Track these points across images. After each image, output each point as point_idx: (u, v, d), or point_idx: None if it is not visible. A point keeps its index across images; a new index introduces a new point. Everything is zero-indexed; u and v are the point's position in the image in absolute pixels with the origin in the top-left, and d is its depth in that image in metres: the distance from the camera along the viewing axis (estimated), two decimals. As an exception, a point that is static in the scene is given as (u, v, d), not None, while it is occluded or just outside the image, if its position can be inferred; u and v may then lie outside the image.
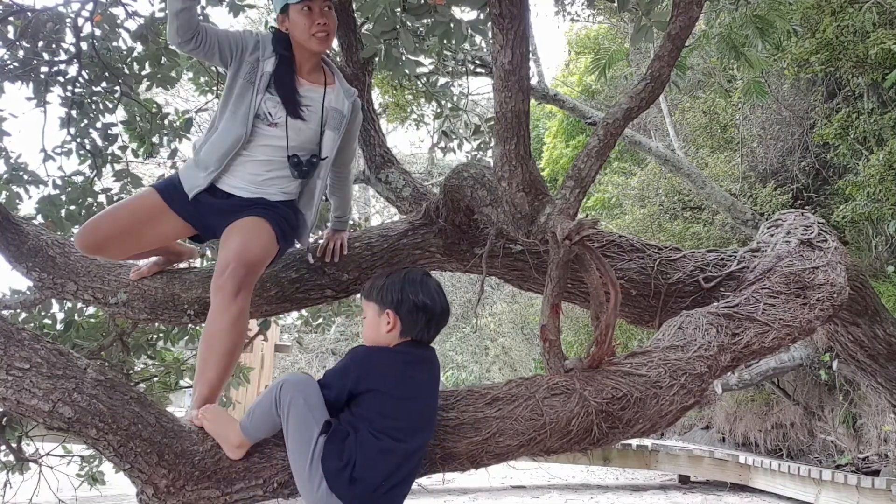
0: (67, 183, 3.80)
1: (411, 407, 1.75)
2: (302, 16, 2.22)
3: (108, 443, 1.64)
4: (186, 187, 2.29)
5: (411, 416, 1.74)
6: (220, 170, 2.27)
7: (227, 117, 2.27)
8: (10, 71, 3.65)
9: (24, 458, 3.56)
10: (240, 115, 2.26)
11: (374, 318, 1.87)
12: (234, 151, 2.26)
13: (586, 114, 8.17)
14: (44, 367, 1.62)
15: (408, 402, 1.75)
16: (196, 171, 2.30)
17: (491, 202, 2.23)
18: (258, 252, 2.12)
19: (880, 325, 2.86)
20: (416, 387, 1.79)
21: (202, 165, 2.29)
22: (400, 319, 1.83)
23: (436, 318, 1.88)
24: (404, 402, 1.74)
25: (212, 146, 2.28)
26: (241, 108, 2.26)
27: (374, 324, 1.87)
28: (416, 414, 1.75)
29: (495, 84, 2.03)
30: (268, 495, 1.76)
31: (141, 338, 3.81)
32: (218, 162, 2.27)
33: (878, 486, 6.45)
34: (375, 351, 1.83)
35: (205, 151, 2.28)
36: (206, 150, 2.28)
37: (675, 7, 2.03)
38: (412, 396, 1.76)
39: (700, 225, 8.98)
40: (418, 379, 1.80)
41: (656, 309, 2.58)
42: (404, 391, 1.75)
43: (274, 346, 12.32)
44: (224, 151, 2.26)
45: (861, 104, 7.45)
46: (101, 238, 2.21)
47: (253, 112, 2.26)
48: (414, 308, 1.84)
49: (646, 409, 1.94)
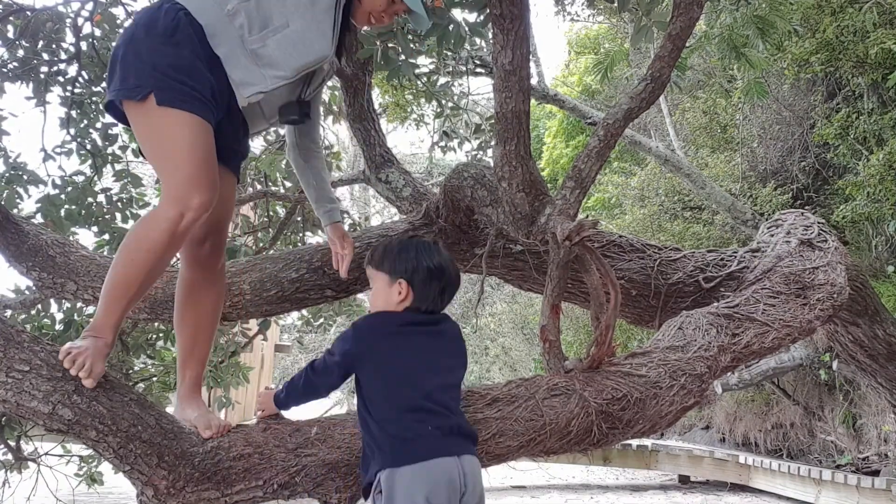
0: (67, 183, 3.80)
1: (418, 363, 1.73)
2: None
3: (108, 444, 1.63)
4: (239, 84, 1.80)
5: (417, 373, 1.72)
6: (291, 80, 1.86)
7: (304, 21, 1.84)
8: (10, 70, 3.65)
9: (23, 457, 3.56)
10: (324, 28, 1.86)
11: (385, 289, 1.80)
12: (310, 69, 1.90)
13: (586, 114, 8.17)
14: (44, 368, 1.62)
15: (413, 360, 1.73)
16: (251, 66, 1.80)
17: (491, 202, 2.23)
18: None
19: (880, 325, 2.86)
20: (422, 343, 1.77)
21: (266, 61, 1.81)
22: (413, 289, 1.78)
23: (450, 285, 1.83)
24: (408, 360, 1.73)
25: (286, 46, 1.82)
26: (326, 21, 1.87)
27: (384, 294, 1.80)
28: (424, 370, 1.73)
29: (495, 84, 2.03)
30: (268, 496, 1.76)
31: (141, 338, 3.81)
32: (294, 70, 1.84)
33: (878, 486, 6.45)
34: (378, 315, 1.82)
35: (275, 46, 1.81)
36: (276, 45, 1.81)
37: (676, 7, 2.03)
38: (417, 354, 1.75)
39: (700, 225, 8.97)
40: (433, 345, 1.78)
41: (656, 309, 2.58)
42: (407, 349, 1.74)
43: (274, 346, 12.34)
44: (305, 62, 1.84)
45: (861, 104, 7.45)
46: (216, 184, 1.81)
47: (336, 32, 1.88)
48: (428, 275, 1.78)
49: (646, 410, 1.94)
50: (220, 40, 1.77)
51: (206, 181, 1.72)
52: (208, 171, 1.74)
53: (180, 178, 1.70)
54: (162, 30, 1.73)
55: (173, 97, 1.70)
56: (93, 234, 3.83)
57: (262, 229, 4.53)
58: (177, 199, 1.69)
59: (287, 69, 1.82)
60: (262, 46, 1.80)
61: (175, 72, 1.71)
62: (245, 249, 4.07)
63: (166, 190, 1.73)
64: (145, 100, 1.71)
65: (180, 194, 1.69)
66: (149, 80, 1.70)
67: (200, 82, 1.74)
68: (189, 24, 1.75)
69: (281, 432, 1.80)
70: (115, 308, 1.74)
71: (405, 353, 1.74)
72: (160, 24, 1.73)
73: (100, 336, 1.70)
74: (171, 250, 1.75)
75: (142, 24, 1.76)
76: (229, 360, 4.27)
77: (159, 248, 1.71)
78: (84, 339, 1.68)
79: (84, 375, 1.61)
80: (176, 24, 1.74)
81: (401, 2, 1.96)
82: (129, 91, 1.72)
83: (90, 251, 2.63)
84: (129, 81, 1.72)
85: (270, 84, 1.81)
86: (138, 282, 1.73)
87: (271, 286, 2.45)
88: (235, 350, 4.30)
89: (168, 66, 1.71)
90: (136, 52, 1.73)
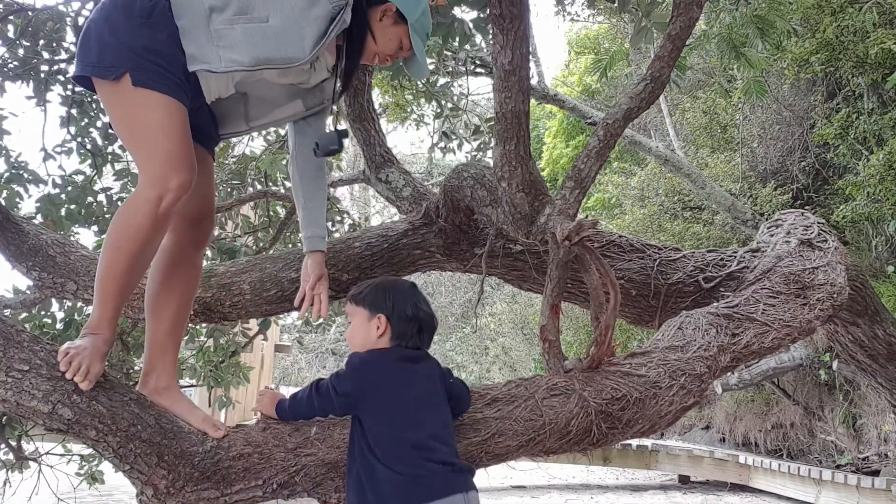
0: (68, 182, 3.79)
1: (418, 400, 1.74)
2: (397, 38, 1.98)
3: (108, 444, 1.63)
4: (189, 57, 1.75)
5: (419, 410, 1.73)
6: (247, 70, 1.80)
7: (288, 21, 1.80)
8: (11, 70, 3.65)
9: (24, 456, 3.56)
10: (307, 34, 1.82)
11: (364, 324, 1.83)
12: (276, 69, 1.85)
13: (586, 114, 8.17)
14: (43, 368, 1.62)
15: (413, 397, 1.74)
16: (207, 44, 1.76)
17: (491, 202, 2.23)
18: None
19: (880, 325, 2.86)
20: (418, 381, 1.77)
21: (226, 42, 1.76)
22: (391, 324, 1.81)
23: (427, 327, 1.86)
24: (409, 398, 1.73)
25: (255, 35, 1.77)
26: (312, 28, 1.83)
27: (364, 329, 1.83)
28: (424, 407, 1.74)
29: (495, 84, 2.03)
30: (267, 496, 1.76)
31: (141, 337, 3.81)
32: (254, 60, 1.78)
33: (878, 486, 6.45)
34: (372, 353, 1.82)
35: (242, 32, 1.76)
36: (243, 32, 1.76)
37: (676, 8, 2.03)
38: (416, 391, 1.75)
39: (700, 225, 8.98)
40: (427, 382, 1.78)
41: (656, 309, 2.58)
42: (406, 386, 1.74)
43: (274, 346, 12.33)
44: (269, 56, 1.79)
45: (861, 104, 7.45)
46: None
47: (322, 46, 1.84)
48: (406, 312, 1.82)
49: (645, 410, 1.94)
50: (181, 11, 1.75)
51: (184, 162, 1.71)
52: (185, 152, 1.73)
53: (157, 160, 1.69)
54: (139, 11, 1.72)
55: (148, 78, 1.69)
56: (93, 234, 3.83)
57: (262, 229, 4.53)
58: (155, 181, 1.68)
59: (246, 56, 1.78)
60: (227, 28, 1.77)
61: (150, 53, 1.70)
62: (245, 249, 4.07)
63: (144, 172, 1.72)
64: (119, 80, 1.69)
65: (158, 176, 1.68)
66: (125, 60, 1.69)
67: (174, 65, 1.74)
68: (167, 7, 1.75)
69: (280, 432, 1.80)
70: (108, 301, 1.73)
71: (405, 389, 1.73)
72: (137, 4, 1.73)
73: (97, 333, 1.70)
74: (155, 233, 1.73)
75: (120, 4, 1.75)
76: (229, 360, 4.27)
77: (142, 232, 1.69)
78: (82, 338, 1.68)
79: (80, 379, 1.61)
80: (153, 5, 1.73)
81: (408, 49, 1.99)
82: (104, 70, 1.71)
83: (90, 251, 2.63)
84: (105, 60, 1.71)
85: (224, 66, 1.77)
86: (127, 270, 1.72)
87: (271, 286, 2.45)
88: (236, 350, 4.30)
89: (143, 47, 1.70)
90: (112, 30, 1.72)
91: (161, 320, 1.96)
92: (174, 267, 1.97)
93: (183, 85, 1.75)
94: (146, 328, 2.00)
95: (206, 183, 2.01)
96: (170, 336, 1.96)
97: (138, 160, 1.75)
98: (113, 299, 1.73)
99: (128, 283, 1.75)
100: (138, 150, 1.75)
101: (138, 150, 1.75)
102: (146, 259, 1.80)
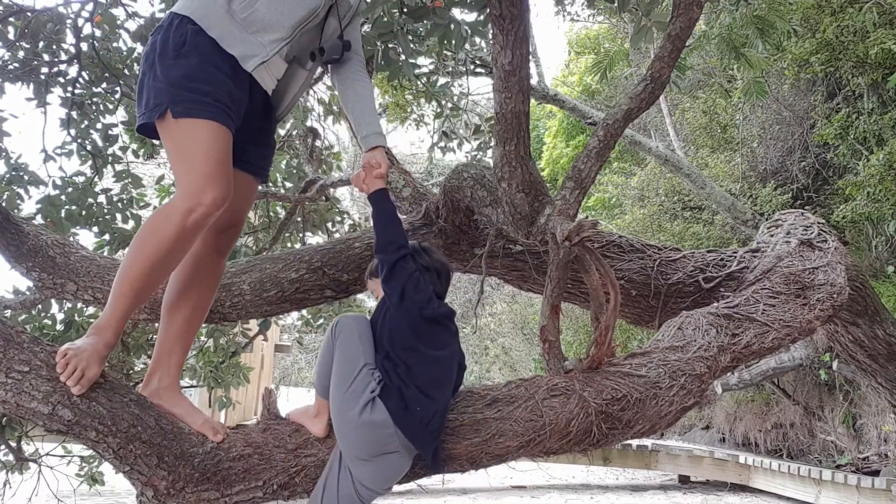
0: (68, 183, 3.80)
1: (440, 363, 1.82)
2: None
3: (108, 445, 1.63)
4: (241, 58, 1.78)
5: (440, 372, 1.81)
6: (289, 41, 1.82)
7: None
8: (11, 71, 3.65)
9: (24, 457, 3.56)
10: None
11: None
12: (307, 24, 1.85)
13: (586, 114, 8.17)
14: (43, 369, 1.62)
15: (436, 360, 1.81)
16: (246, 36, 1.79)
17: (491, 203, 2.23)
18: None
19: (880, 325, 2.86)
20: (443, 343, 1.84)
21: (259, 26, 1.80)
22: None
23: (443, 273, 1.94)
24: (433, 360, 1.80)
25: (276, 4, 1.80)
26: None
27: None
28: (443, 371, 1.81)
29: (495, 85, 2.03)
30: (267, 497, 1.76)
31: (141, 338, 3.81)
32: (290, 29, 1.81)
33: (878, 486, 6.45)
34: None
35: (265, 6, 1.78)
36: (266, 5, 1.79)
37: (676, 8, 2.03)
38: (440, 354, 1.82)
39: (700, 225, 8.98)
40: (444, 336, 1.85)
41: (656, 309, 2.58)
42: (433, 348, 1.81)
43: (274, 346, 12.34)
44: (300, 16, 1.82)
45: (861, 104, 7.45)
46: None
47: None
48: (420, 268, 1.88)
49: (645, 410, 1.94)
50: (210, 23, 1.77)
51: (221, 181, 1.73)
52: (223, 171, 1.75)
53: (195, 176, 1.72)
54: (171, 47, 1.77)
55: (186, 108, 1.73)
56: (93, 235, 3.83)
57: (262, 229, 4.54)
58: (190, 194, 1.71)
59: (282, 29, 1.80)
60: (251, 12, 1.79)
61: (187, 81, 1.74)
62: (245, 250, 4.08)
63: (180, 185, 1.75)
64: (164, 116, 1.75)
65: (194, 190, 1.71)
66: (165, 97, 1.74)
67: (213, 84, 1.76)
68: (195, 32, 1.78)
69: (280, 433, 1.80)
70: (120, 303, 1.73)
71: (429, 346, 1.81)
72: (170, 42, 1.77)
73: (101, 335, 1.70)
74: (179, 245, 1.74)
75: (157, 47, 1.80)
76: (229, 361, 4.27)
77: (167, 241, 1.71)
78: (85, 339, 1.68)
79: (72, 383, 1.61)
80: (183, 38, 1.77)
81: None
82: (150, 112, 1.77)
83: (90, 252, 2.63)
84: (149, 103, 1.77)
85: (270, 50, 1.80)
86: (144, 274, 1.73)
87: (271, 286, 2.45)
88: (236, 350, 4.30)
89: (180, 78, 1.74)
90: (154, 74, 1.78)
91: (173, 322, 1.97)
92: (195, 271, 1.98)
93: (224, 105, 1.77)
94: (159, 329, 2.01)
95: (242, 200, 2.02)
96: (179, 339, 1.96)
97: (177, 178, 1.78)
98: (124, 300, 1.74)
99: (142, 288, 1.75)
100: (178, 170, 1.77)
101: (179, 170, 1.77)
102: (166, 269, 1.81)
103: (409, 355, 1.76)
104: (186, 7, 1.80)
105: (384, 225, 1.91)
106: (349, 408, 1.69)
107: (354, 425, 1.68)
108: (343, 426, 1.70)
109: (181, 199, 1.71)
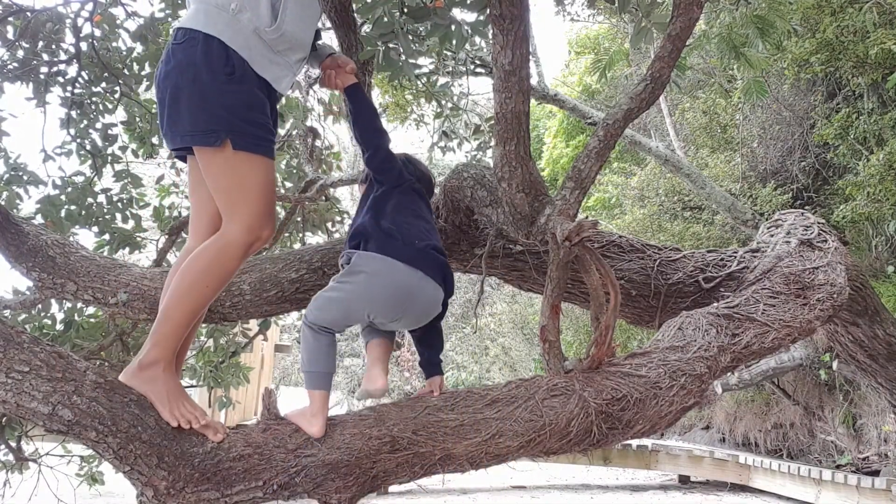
0: (67, 183, 3.80)
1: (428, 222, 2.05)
2: None
3: (108, 445, 1.63)
4: (273, 80, 1.80)
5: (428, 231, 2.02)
6: (307, 57, 1.89)
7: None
8: (10, 71, 3.65)
9: (24, 457, 3.56)
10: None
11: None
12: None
13: (586, 114, 8.17)
14: (43, 369, 1.62)
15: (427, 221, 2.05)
16: (275, 57, 1.80)
17: (491, 203, 2.23)
18: None
19: (880, 325, 2.86)
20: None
21: (288, 45, 1.81)
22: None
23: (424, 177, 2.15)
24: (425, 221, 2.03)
25: (298, 13, 1.80)
26: None
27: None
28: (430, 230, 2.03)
29: (495, 85, 2.03)
30: (267, 497, 1.75)
31: (141, 338, 3.81)
32: (308, 38, 1.86)
33: (878, 486, 6.45)
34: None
35: (291, 21, 1.78)
36: (292, 20, 1.78)
37: (676, 8, 2.03)
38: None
39: (700, 225, 8.98)
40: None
41: (656, 309, 2.58)
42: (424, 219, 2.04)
43: (274, 346, 12.35)
44: (310, 25, 1.86)
45: (861, 104, 7.45)
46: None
47: None
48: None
49: (645, 410, 1.94)
50: (240, 44, 1.75)
51: (273, 216, 1.87)
52: (274, 208, 1.88)
53: (256, 213, 1.79)
54: (221, 68, 1.73)
55: (248, 142, 1.75)
56: (93, 235, 3.84)
57: (261, 230, 4.52)
58: (251, 229, 1.79)
59: (305, 47, 1.87)
60: (280, 31, 1.78)
61: (246, 111, 1.75)
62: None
63: (240, 220, 1.79)
64: (221, 146, 1.74)
65: (255, 226, 1.79)
66: (223, 123, 1.72)
67: (266, 114, 1.81)
68: (237, 54, 1.75)
69: (281, 433, 1.80)
70: (178, 333, 1.79)
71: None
72: (215, 61, 1.72)
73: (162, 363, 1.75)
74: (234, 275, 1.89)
75: (202, 64, 1.72)
76: (229, 361, 4.27)
77: (228, 273, 1.82)
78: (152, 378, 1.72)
79: (211, 435, 1.72)
80: (228, 57, 1.73)
81: None
82: (205, 137, 1.74)
83: (90, 252, 2.63)
84: (200, 125, 1.74)
85: (297, 69, 1.87)
86: (206, 305, 1.84)
87: (271, 286, 2.45)
88: (236, 350, 4.30)
89: (239, 105, 1.74)
90: (200, 93, 1.72)
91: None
92: None
93: (273, 135, 1.84)
94: None
95: None
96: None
97: (234, 210, 1.80)
98: (184, 331, 1.81)
99: (194, 317, 1.83)
100: (236, 204, 1.80)
101: (236, 203, 1.80)
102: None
103: (405, 216, 1.96)
104: (212, 26, 1.74)
105: (369, 115, 2.03)
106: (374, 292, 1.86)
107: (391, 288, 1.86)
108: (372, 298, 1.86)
109: (243, 233, 1.78)
